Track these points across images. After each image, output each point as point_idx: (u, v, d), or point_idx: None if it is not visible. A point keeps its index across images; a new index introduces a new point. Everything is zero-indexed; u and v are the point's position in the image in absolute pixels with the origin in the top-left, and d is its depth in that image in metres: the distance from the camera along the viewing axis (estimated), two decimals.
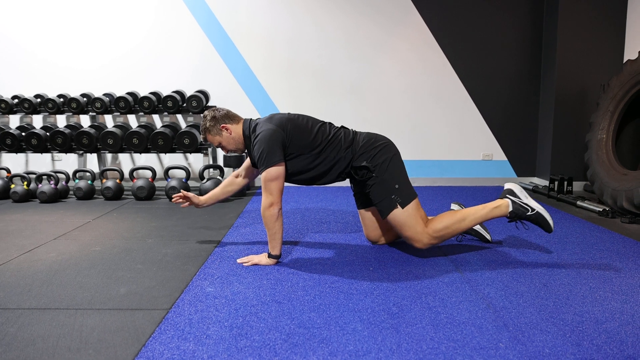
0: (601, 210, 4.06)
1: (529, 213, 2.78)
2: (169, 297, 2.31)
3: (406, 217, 2.78)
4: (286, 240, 3.32)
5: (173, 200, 3.19)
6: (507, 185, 2.90)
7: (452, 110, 5.75)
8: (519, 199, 2.82)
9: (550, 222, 2.78)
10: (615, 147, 4.40)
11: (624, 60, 5.14)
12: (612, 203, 4.03)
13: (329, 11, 5.60)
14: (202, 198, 3.23)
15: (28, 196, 4.82)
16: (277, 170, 2.68)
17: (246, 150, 2.94)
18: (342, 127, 2.96)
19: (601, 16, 5.20)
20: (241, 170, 3.19)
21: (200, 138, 3.01)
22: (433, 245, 2.83)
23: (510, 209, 2.79)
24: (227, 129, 2.85)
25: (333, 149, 2.82)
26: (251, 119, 2.92)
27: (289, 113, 2.91)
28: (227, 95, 5.70)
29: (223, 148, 2.93)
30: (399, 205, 2.77)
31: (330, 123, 2.96)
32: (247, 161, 3.15)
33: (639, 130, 4.48)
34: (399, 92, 5.73)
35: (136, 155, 5.81)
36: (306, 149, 2.79)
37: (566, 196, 4.64)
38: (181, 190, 3.27)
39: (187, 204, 3.20)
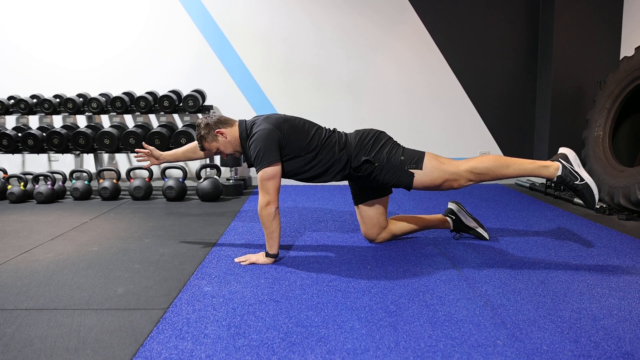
0: (598, 207, 4.07)
1: (577, 182, 2.73)
2: (167, 297, 2.31)
3: (430, 172, 2.77)
4: (283, 239, 3.32)
5: (135, 156, 3.20)
6: (561, 150, 2.83)
7: (449, 108, 5.75)
8: (571, 165, 2.76)
9: (596, 196, 2.72)
10: (612, 144, 4.40)
11: (620, 57, 5.15)
12: (609, 200, 4.03)
13: (326, 10, 5.59)
14: (163, 154, 3.19)
15: (25, 197, 4.81)
16: (274, 169, 2.68)
17: (243, 153, 2.94)
18: (335, 129, 2.96)
19: (597, 13, 5.21)
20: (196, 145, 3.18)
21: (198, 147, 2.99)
22: (472, 182, 2.78)
23: (560, 172, 2.74)
24: (222, 134, 2.84)
25: (328, 152, 2.82)
26: (246, 120, 2.91)
27: (285, 114, 2.91)
28: (223, 95, 5.69)
29: (221, 153, 2.92)
30: (416, 171, 2.78)
31: (324, 127, 2.97)
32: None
33: (635, 127, 4.48)
34: (396, 90, 5.73)
35: (133, 155, 5.80)
36: (302, 151, 2.79)
37: (563, 193, 4.65)
38: (142, 143, 3.23)
39: (147, 163, 3.20)
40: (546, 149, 5.43)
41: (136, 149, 3.22)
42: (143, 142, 3.22)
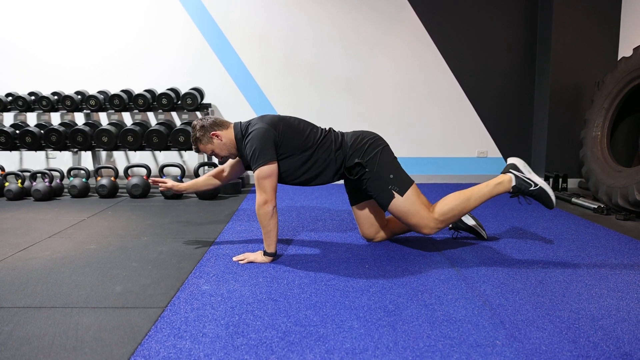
0: (596, 207, 4.08)
1: (531, 188, 2.78)
2: (165, 296, 2.30)
3: (408, 204, 2.79)
4: (281, 238, 3.32)
5: (151, 181, 3.17)
6: (510, 160, 2.90)
7: (447, 108, 5.75)
8: (522, 173, 2.81)
9: (553, 197, 2.78)
10: (610, 144, 4.41)
11: (619, 58, 5.15)
12: (607, 200, 4.04)
13: (324, 8, 5.58)
14: (182, 186, 3.19)
15: (22, 194, 4.79)
16: (270, 168, 2.67)
17: (238, 156, 2.93)
18: (331, 129, 2.96)
19: (596, 13, 5.21)
20: (226, 166, 3.17)
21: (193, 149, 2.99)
22: (440, 229, 2.84)
23: (514, 183, 2.80)
24: (217, 136, 2.84)
25: (324, 152, 2.83)
26: (241, 122, 2.91)
27: (280, 114, 2.91)
28: (221, 93, 5.68)
29: (216, 155, 2.91)
30: (397, 194, 2.79)
31: (320, 126, 2.96)
32: (230, 160, 3.13)
33: (633, 127, 4.49)
34: (394, 89, 5.73)
35: (131, 153, 5.79)
36: (297, 150, 2.79)
37: (561, 193, 4.65)
38: (153, 180, 3.20)
39: (167, 185, 3.17)
40: (544, 148, 5.43)
41: (152, 180, 3.18)
42: (152, 180, 3.17)
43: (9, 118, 5.76)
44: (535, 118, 5.71)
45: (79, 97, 5.36)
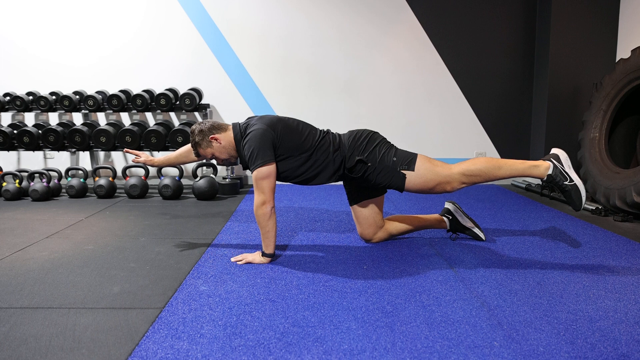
0: (594, 208, 4.08)
1: (566, 182, 2.75)
2: (163, 296, 2.30)
3: (422, 174, 2.79)
4: (280, 238, 3.31)
5: (125, 150, 3.23)
6: (553, 150, 2.86)
7: (445, 108, 5.76)
8: (562, 165, 2.78)
9: (584, 199, 2.73)
10: (608, 146, 4.41)
11: (617, 59, 5.16)
12: (605, 201, 4.04)
13: (323, 9, 5.59)
14: (156, 160, 3.19)
15: (20, 194, 4.79)
16: (268, 168, 2.67)
17: (238, 157, 2.92)
18: (328, 131, 2.96)
19: (594, 15, 5.22)
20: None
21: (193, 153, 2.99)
22: (465, 185, 2.81)
23: (550, 172, 2.76)
24: (216, 139, 2.83)
25: (322, 153, 2.83)
26: (239, 122, 2.90)
27: (278, 115, 2.91)
28: (220, 93, 5.68)
29: (216, 159, 2.91)
30: (408, 172, 2.79)
31: (318, 128, 2.96)
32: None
33: (631, 128, 4.49)
34: (392, 90, 5.73)
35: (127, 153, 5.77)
36: (296, 151, 2.79)
37: (559, 195, 4.65)
38: (126, 150, 3.25)
39: (140, 159, 3.18)
40: (542, 149, 5.44)
41: (126, 149, 3.24)
42: (126, 150, 3.23)
43: (6, 118, 5.75)
44: (533, 119, 5.72)
45: (77, 97, 5.36)
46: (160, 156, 3.21)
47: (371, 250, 3.05)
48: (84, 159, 5.77)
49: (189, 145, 3.12)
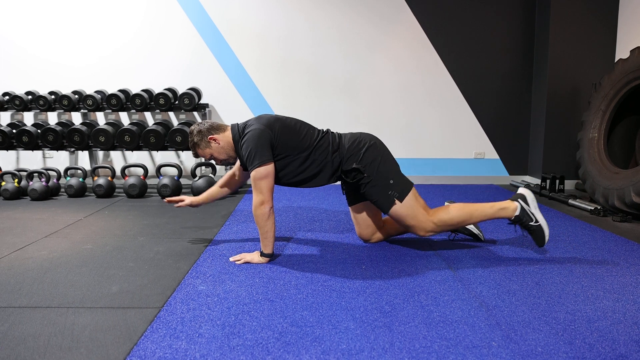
0: (593, 208, 4.08)
1: (532, 223, 2.84)
2: (161, 296, 2.30)
3: (406, 209, 2.82)
4: (278, 238, 3.31)
5: (166, 200, 3.19)
6: (520, 190, 2.94)
7: (444, 109, 5.76)
8: (529, 206, 2.86)
9: (546, 238, 2.84)
10: (606, 146, 4.42)
11: (616, 59, 5.16)
12: (604, 202, 4.04)
13: (322, 9, 5.59)
14: (198, 198, 3.19)
15: (19, 194, 4.78)
16: (266, 168, 2.67)
17: (237, 158, 2.92)
18: (328, 130, 2.96)
19: (593, 15, 5.22)
20: (235, 169, 3.17)
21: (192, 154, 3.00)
22: (435, 233, 2.90)
23: (517, 213, 2.84)
24: (215, 140, 2.83)
25: (321, 153, 2.82)
26: (238, 123, 2.90)
27: (277, 115, 2.91)
28: (219, 93, 5.68)
29: (215, 159, 2.91)
30: (397, 200, 2.80)
31: (317, 127, 2.96)
32: (238, 162, 3.13)
33: (630, 128, 4.50)
34: (391, 90, 5.73)
35: (128, 153, 5.78)
36: (294, 150, 2.79)
37: (558, 195, 4.66)
38: (179, 196, 3.24)
39: (183, 203, 3.18)
40: (541, 149, 5.44)
41: (167, 199, 3.18)
42: (168, 200, 3.18)
43: (6, 117, 5.74)
44: (532, 119, 5.72)
45: (77, 96, 5.35)
46: (203, 194, 3.21)
47: (370, 250, 3.05)
48: (83, 159, 5.76)
49: (226, 176, 3.18)
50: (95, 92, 5.46)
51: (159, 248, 3.09)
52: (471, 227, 3.22)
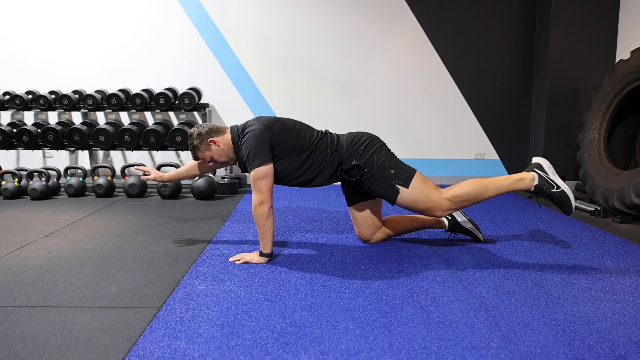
0: (593, 209, 4.08)
1: (553, 190, 2.74)
2: (160, 295, 2.30)
3: (415, 193, 2.79)
4: (277, 238, 3.31)
5: (135, 167, 3.23)
6: (535, 159, 2.86)
7: (444, 109, 5.76)
8: (546, 174, 2.78)
9: (573, 203, 2.74)
10: (607, 147, 4.41)
11: (616, 60, 5.16)
12: (604, 203, 4.04)
13: (322, 9, 5.59)
14: (166, 176, 3.19)
15: (19, 193, 4.78)
16: (266, 168, 2.67)
17: (237, 160, 2.92)
18: (327, 131, 2.96)
19: (593, 16, 5.22)
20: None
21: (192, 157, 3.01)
22: (453, 210, 2.83)
23: (536, 182, 2.75)
24: (215, 142, 2.84)
25: (320, 154, 2.83)
26: (237, 125, 2.90)
27: (275, 116, 2.91)
28: (219, 93, 5.68)
29: (215, 162, 2.92)
30: (402, 188, 2.78)
31: (316, 129, 2.96)
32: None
33: (630, 129, 4.49)
34: (391, 90, 5.73)
35: (128, 153, 5.78)
36: (293, 151, 2.79)
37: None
38: (138, 168, 3.24)
39: (150, 176, 3.18)
40: (541, 150, 5.44)
41: (137, 167, 3.22)
42: (136, 167, 3.22)
43: (6, 116, 5.74)
44: (532, 120, 5.72)
45: (77, 96, 5.35)
46: (170, 172, 3.22)
47: (369, 250, 3.05)
48: (83, 158, 5.76)
49: (193, 162, 3.17)
50: (96, 91, 5.46)
51: (159, 248, 3.09)
52: (471, 227, 3.22)
